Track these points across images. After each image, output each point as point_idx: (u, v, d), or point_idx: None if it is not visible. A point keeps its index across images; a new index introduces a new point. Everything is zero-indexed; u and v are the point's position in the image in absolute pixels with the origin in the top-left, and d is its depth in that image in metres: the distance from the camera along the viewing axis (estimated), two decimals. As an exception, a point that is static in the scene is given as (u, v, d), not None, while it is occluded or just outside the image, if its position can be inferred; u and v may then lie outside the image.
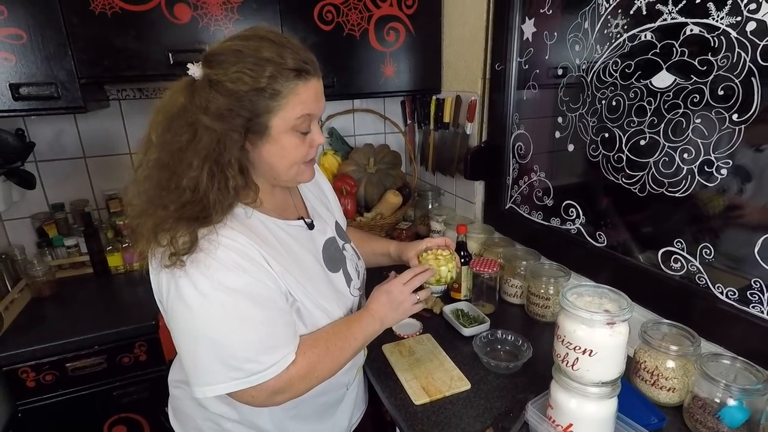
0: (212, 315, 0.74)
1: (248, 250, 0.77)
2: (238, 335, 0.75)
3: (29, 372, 1.34)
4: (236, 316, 0.75)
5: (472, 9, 1.60)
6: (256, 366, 0.76)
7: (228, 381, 0.76)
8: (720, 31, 0.88)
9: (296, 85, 0.75)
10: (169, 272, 0.74)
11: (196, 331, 0.75)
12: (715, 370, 0.88)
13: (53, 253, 1.73)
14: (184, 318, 0.76)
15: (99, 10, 1.33)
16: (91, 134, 1.77)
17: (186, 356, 0.78)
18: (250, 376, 0.76)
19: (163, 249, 0.73)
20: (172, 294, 0.75)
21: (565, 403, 0.80)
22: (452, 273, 1.01)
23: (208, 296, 0.73)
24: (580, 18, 1.19)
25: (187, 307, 0.74)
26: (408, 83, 1.79)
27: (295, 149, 0.80)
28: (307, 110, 0.78)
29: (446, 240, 1.07)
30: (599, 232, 1.25)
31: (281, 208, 0.92)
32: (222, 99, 0.72)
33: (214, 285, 0.73)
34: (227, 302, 0.74)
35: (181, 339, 0.78)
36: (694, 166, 0.97)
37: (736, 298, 0.94)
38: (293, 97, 0.76)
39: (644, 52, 1.03)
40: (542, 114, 1.42)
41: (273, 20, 1.51)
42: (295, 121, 0.77)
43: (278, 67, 0.73)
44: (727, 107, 0.89)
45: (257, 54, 0.73)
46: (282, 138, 0.78)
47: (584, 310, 0.73)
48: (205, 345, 0.75)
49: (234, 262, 0.75)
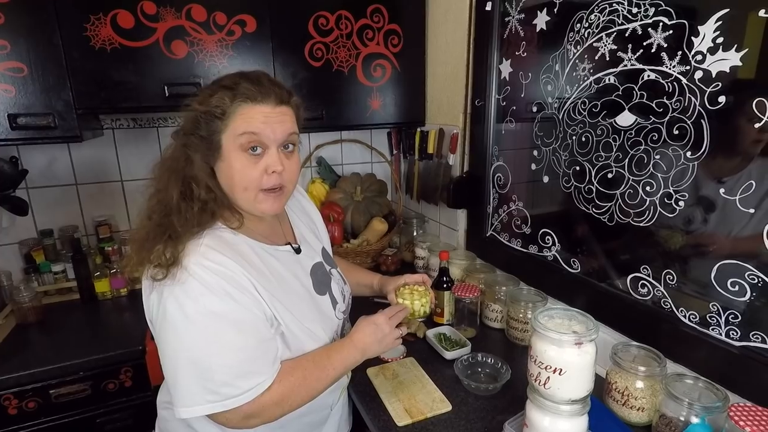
0: (195, 338, 0.78)
1: (236, 276, 0.81)
2: (218, 359, 0.79)
3: (12, 399, 1.33)
4: (218, 340, 0.79)
5: (454, 49, 1.71)
6: (232, 390, 0.79)
7: (204, 403, 0.79)
8: (673, 77, 0.97)
9: (240, 106, 0.83)
10: (159, 293, 0.79)
11: (179, 352, 0.79)
12: (679, 390, 0.93)
13: (40, 279, 1.73)
14: (168, 339, 0.79)
15: (99, 45, 1.40)
16: (83, 162, 1.80)
17: (169, 375, 0.82)
18: (225, 399, 0.79)
19: (153, 265, 0.79)
20: (160, 315, 0.79)
21: (539, 421, 0.84)
22: (425, 308, 1.11)
23: (193, 320, 0.77)
24: (552, 61, 1.29)
25: (172, 328, 0.78)
26: (394, 116, 1.88)
27: (243, 169, 0.84)
28: (250, 128, 0.82)
29: (423, 277, 1.16)
30: (574, 258, 1.32)
31: (269, 234, 0.97)
32: (189, 118, 0.85)
33: (199, 309, 0.77)
34: (210, 327, 0.78)
35: (165, 358, 0.82)
36: (656, 198, 1.05)
37: (697, 321, 1.01)
38: (237, 116, 0.83)
39: (608, 93, 1.13)
40: (519, 146, 1.50)
41: (266, 57, 1.59)
42: (238, 137, 0.82)
43: (230, 92, 0.83)
44: (681, 145, 0.98)
45: (220, 83, 0.85)
46: (230, 156, 0.84)
47: (554, 331, 0.79)
48: (185, 366, 0.79)
49: (221, 288, 0.79)
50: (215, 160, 0.86)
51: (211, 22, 1.50)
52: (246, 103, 0.83)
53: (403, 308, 1.05)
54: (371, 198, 2.11)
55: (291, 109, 0.89)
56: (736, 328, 0.94)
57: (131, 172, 1.88)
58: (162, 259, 0.78)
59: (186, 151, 0.84)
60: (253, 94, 0.83)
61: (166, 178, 0.84)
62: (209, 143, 0.84)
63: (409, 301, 1.09)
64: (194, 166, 0.84)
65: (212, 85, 0.86)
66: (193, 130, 0.84)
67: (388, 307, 1.04)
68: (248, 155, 0.84)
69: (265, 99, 0.84)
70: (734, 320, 0.94)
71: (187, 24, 1.47)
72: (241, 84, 0.83)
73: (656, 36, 1.00)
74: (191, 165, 0.84)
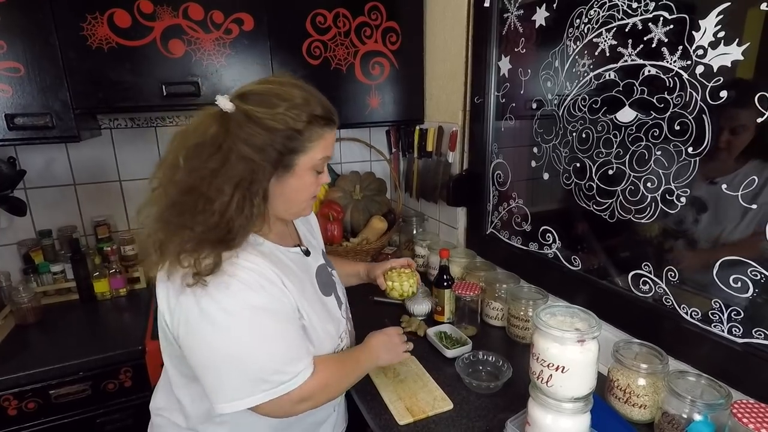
0: (240, 333, 0.79)
1: (266, 272, 0.83)
2: (265, 349, 0.81)
3: (11, 400, 1.33)
4: (262, 332, 0.81)
5: (453, 46, 1.70)
6: (283, 377, 0.82)
7: (257, 393, 0.80)
8: (674, 72, 0.97)
9: (323, 131, 0.86)
10: (191, 294, 0.78)
11: (222, 349, 0.79)
12: (682, 387, 0.93)
13: (39, 280, 1.72)
14: (211, 338, 0.79)
15: (96, 45, 1.39)
16: (81, 162, 1.79)
17: (210, 375, 0.81)
18: (278, 386, 0.81)
19: (185, 270, 0.77)
20: (194, 315, 0.78)
21: (542, 419, 0.84)
22: (413, 288, 1.21)
23: (235, 315, 0.79)
24: (551, 57, 1.28)
25: (213, 326, 0.78)
26: (392, 114, 1.88)
27: (311, 186, 0.90)
28: (327, 153, 0.89)
29: (408, 260, 1.25)
30: (574, 256, 1.31)
31: (282, 237, 0.98)
32: (264, 134, 0.80)
33: (239, 304, 0.79)
34: (253, 319, 0.80)
35: (203, 359, 0.81)
36: (657, 195, 1.04)
37: (699, 318, 1.00)
38: (320, 141, 0.86)
39: (609, 89, 1.12)
40: (519, 144, 1.50)
41: (263, 55, 1.59)
42: (317, 161, 0.87)
43: (311, 115, 0.83)
44: (683, 141, 0.97)
45: (293, 100, 0.82)
46: (304, 175, 0.87)
47: (556, 328, 0.78)
48: (231, 362, 0.80)
49: (256, 282, 0.81)
50: (283, 175, 0.85)
51: (209, 20, 1.49)
52: (328, 128, 0.87)
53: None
54: (370, 196, 2.10)
55: None
56: (738, 324, 0.93)
57: (129, 172, 1.87)
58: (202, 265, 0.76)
59: (251, 166, 0.79)
60: (332, 118, 0.87)
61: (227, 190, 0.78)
62: (280, 161, 0.82)
63: (398, 283, 1.19)
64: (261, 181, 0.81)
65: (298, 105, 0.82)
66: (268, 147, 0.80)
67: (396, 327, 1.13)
68: (316, 173, 0.89)
69: (337, 121, 0.89)
70: (737, 317, 0.93)
71: (185, 23, 1.47)
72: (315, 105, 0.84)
73: (657, 31, 0.99)
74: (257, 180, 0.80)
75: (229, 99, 0.82)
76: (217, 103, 0.81)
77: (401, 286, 1.19)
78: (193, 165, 0.79)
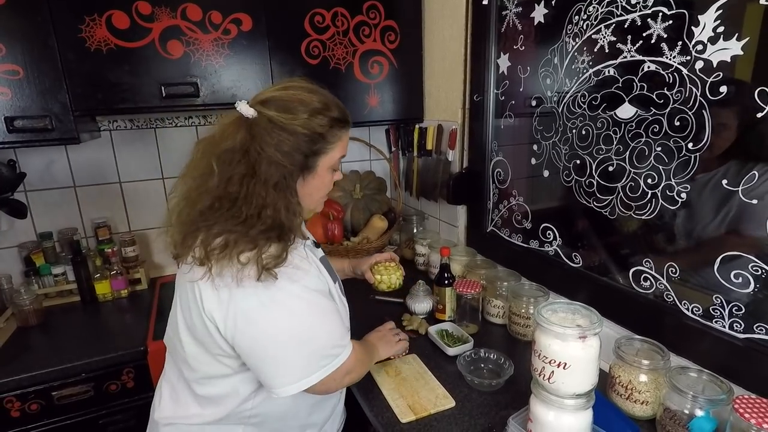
0: (303, 314, 0.86)
1: (309, 259, 0.93)
2: (327, 327, 0.90)
3: (14, 402, 1.33)
4: (321, 311, 0.89)
5: (451, 44, 1.70)
6: (338, 350, 0.90)
7: (320, 369, 0.87)
8: (673, 68, 0.97)
9: (341, 132, 0.92)
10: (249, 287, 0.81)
11: (288, 331, 0.85)
12: (683, 383, 0.93)
13: (40, 282, 1.73)
14: (274, 323, 0.84)
15: (94, 46, 1.39)
16: (81, 164, 1.80)
17: (270, 362, 0.86)
18: (336, 357, 0.90)
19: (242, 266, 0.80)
20: (254, 305, 0.82)
21: (544, 416, 0.84)
22: (399, 280, 1.33)
23: (298, 298, 0.86)
24: (550, 54, 1.28)
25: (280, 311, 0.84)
26: (392, 113, 1.87)
27: (329, 183, 0.98)
28: (344, 152, 0.96)
29: (391, 255, 1.37)
30: (575, 253, 1.31)
31: None
32: (291, 139, 0.85)
33: (299, 288, 0.86)
34: (312, 301, 0.88)
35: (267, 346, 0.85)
36: (657, 191, 1.04)
37: (700, 314, 1.00)
38: (339, 143, 0.93)
39: (608, 86, 1.12)
40: (519, 141, 1.50)
41: (262, 55, 1.58)
42: (335, 161, 0.94)
43: (331, 119, 0.89)
44: (683, 137, 0.97)
45: (313, 104, 0.87)
46: (324, 174, 0.94)
47: (558, 325, 0.78)
48: (298, 343, 0.86)
49: (305, 269, 0.89)
50: (307, 175, 0.91)
51: (207, 21, 1.49)
52: (344, 130, 0.93)
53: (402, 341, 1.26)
54: (370, 195, 2.10)
55: None
56: (739, 320, 0.93)
57: (129, 174, 1.87)
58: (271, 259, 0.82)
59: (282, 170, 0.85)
60: (348, 120, 0.93)
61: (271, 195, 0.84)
62: (305, 164, 0.89)
63: (386, 276, 1.30)
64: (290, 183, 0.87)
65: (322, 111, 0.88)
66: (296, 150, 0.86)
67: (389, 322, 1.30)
68: (332, 171, 0.96)
69: (349, 123, 0.95)
70: (738, 312, 0.93)
71: (183, 23, 1.47)
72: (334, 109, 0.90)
73: (656, 26, 0.99)
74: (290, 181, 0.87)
75: (249, 105, 0.86)
76: (239, 110, 0.85)
77: (389, 278, 1.31)
78: (226, 170, 0.83)
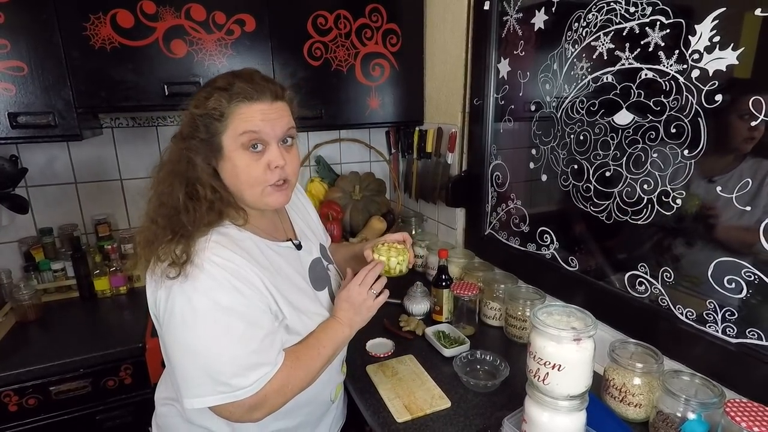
0: (206, 331, 0.79)
1: (243, 271, 0.82)
2: (228, 351, 0.80)
3: (12, 396, 1.33)
4: (228, 333, 0.80)
5: (452, 48, 1.72)
6: (241, 381, 0.80)
7: (215, 394, 0.80)
8: (670, 76, 0.98)
9: (238, 106, 0.83)
10: (167, 289, 0.79)
11: (189, 345, 0.80)
12: (676, 386, 0.94)
13: (39, 277, 1.73)
14: (178, 332, 0.80)
15: (99, 45, 1.40)
16: (83, 160, 1.80)
17: (177, 369, 0.82)
18: (235, 391, 0.80)
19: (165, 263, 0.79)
20: (168, 309, 0.80)
21: (538, 417, 0.85)
22: (401, 266, 1.04)
23: (203, 314, 0.79)
24: (550, 60, 1.30)
25: (182, 322, 0.79)
26: (392, 115, 1.89)
27: (247, 168, 0.85)
28: (250, 127, 0.83)
29: (404, 235, 1.11)
30: (572, 257, 1.33)
31: (271, 230, 0.98)
32: (186, 122, 0.86)
33: (209, 303, 0.79)
34: (220, 320, 0.79)
35: (173, 352, 0.82)
36: (653, 196, 1.06)
37: (694, 319, 1.02)
38: (236, 116, 0.83)
39: (606, 92, 1.13)
40: (518, 145, 1.51)
41: (265, 56, 1.60)
42: (239, 137, 0.83)
43: (225, 93, 0.83)
44: (679, 143, 0.99)
45: (214, 84, 0.86)
46: (233, 156, 0.85)
47: (553, 327, 0.79)
48: (196, 359, 0.80)
49: (229, 282, 0.80)
50: (218, 161, 0.87)
51: (211, 21, 1.50)
52: (243, 102, 0.83)
53: (375, 265, 1.01)
54: (370, 197, 2.11)
55: (286, 104, 0.90)
56: (732, 325, 0.94)
57: (130, 171, 1.88)
58: (173, 257, 0.79)
59: (187, 154, 0.85)
60: (249, 93, 0.83)
61: (169, 181, 0.85)
62: (210, 145, 0.85)
63: (385, 257, 1.03)
64: (197, 169, 0.85)
65: (206, 87, 0.86)
66: (193, 134, 0.85)
67: (359, 271, 1.00)
68: (250, 153, 0.85)
69: (261, 96, 0.84)
70: (731, 317, 0.95)
71: (187, 23, 1.48)
72: (236, 84, 0.84)
73: (653, 35, 1.00)
74: (194, 168, 0.85)
75: None
76: None
77: (388, 261, 1.03)
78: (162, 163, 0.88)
